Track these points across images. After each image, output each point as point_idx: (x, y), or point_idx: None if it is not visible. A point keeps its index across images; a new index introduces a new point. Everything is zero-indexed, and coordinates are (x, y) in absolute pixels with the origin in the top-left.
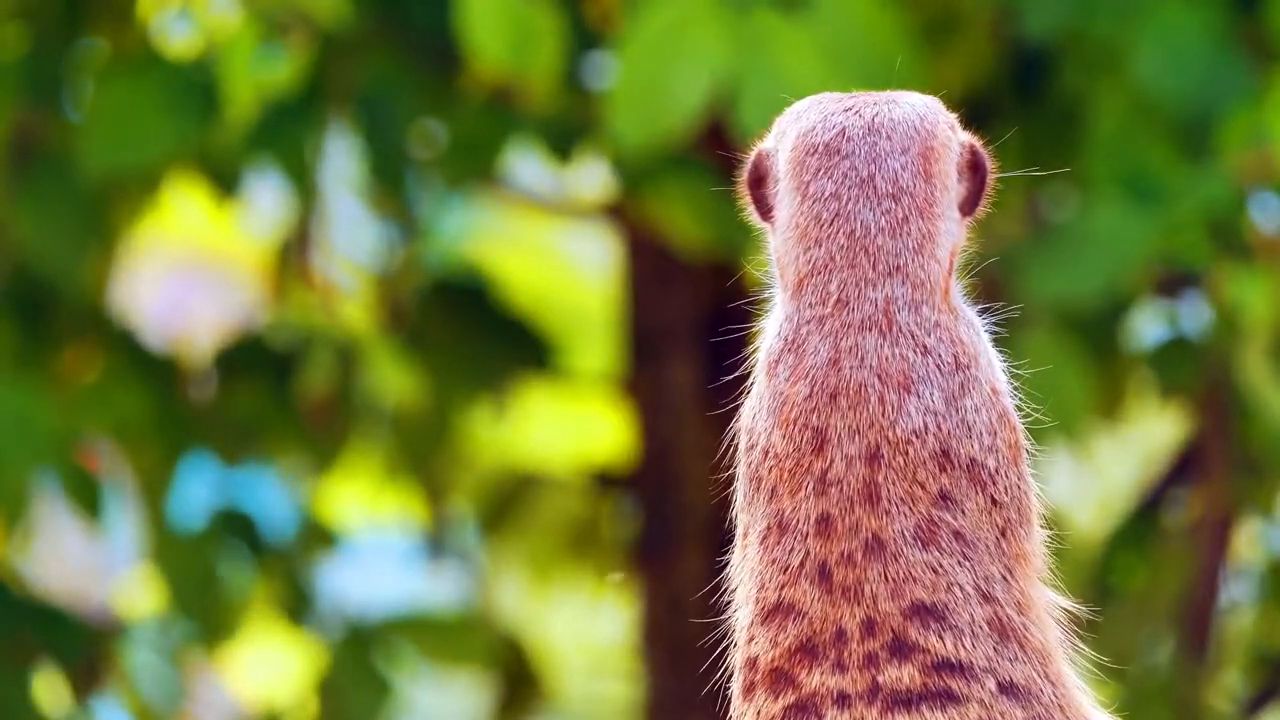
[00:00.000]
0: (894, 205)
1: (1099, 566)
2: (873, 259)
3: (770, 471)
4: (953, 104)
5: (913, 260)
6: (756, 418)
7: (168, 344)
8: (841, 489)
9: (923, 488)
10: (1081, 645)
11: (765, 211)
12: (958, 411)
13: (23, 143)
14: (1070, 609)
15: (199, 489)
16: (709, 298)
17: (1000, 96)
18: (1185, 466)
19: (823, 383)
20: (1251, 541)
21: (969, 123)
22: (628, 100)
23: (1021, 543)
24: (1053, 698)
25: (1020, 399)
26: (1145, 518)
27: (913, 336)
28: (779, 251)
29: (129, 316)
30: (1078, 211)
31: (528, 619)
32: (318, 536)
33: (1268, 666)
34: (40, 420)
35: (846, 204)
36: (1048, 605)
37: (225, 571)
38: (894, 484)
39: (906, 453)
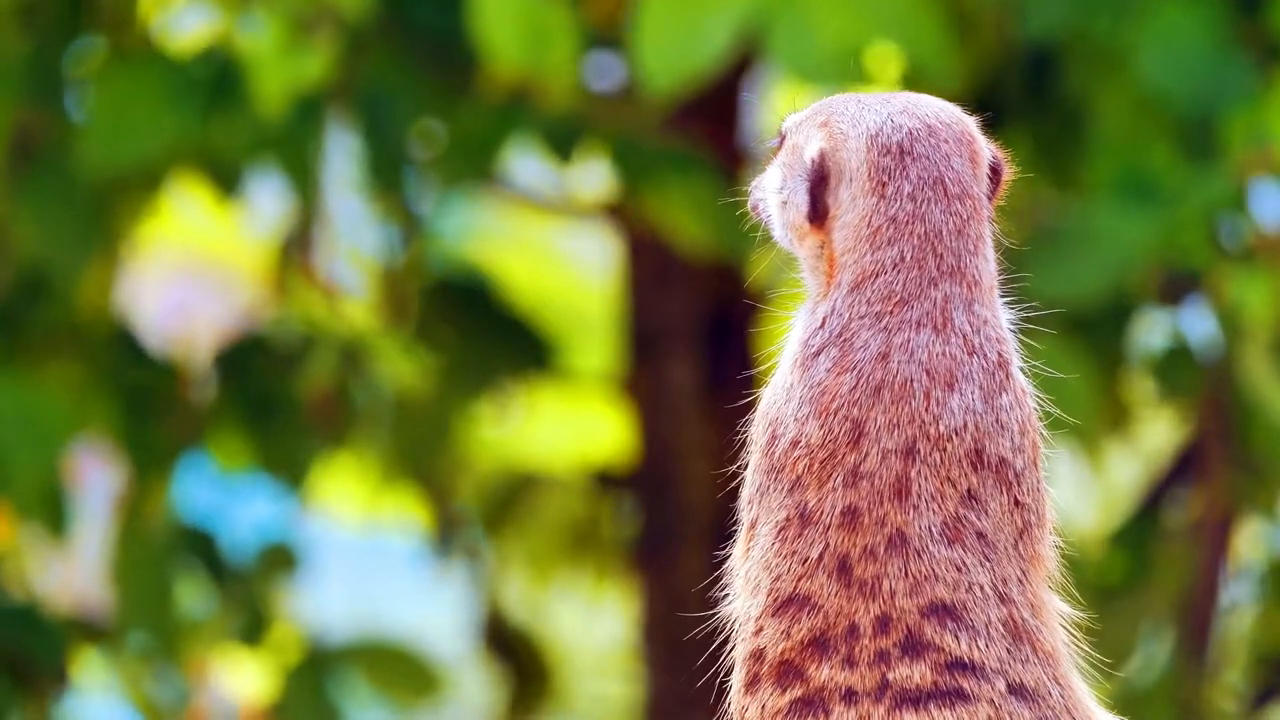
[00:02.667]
0: (960, 206)
1: (1099, 566)
2: (939, 259)
3: (797, 462)
4: (961, 105)
5: (970, 260)
6: (783, 408)
7: (168, 346)
8: (873, 482)
9: (953, 485)
10: (1083, 645)
11: (818, 212)
12: (993, 410)
13: (23, 143)
14: (1072, 611)
15: (194, 494)
16: (709, 298)
17: (1005, 97)
18: (1185, 467)
19: (869, 376)
20: (1251, 541)
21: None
22: (655, 42)
23: (1037, 545)
24: (1060, 700)
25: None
26: (1145, 518)
27: (964, 335)
28: (841, 248)
29: (126, 320)
30: (1079, 212)
31: (528, 618)
32: (280, 559)
33: (1268, 666)
34: (43, 415)
35: (921, 205)
36: (1056, 608)
37: (181, 589)
38: (926, 480)
39: (944, 449)
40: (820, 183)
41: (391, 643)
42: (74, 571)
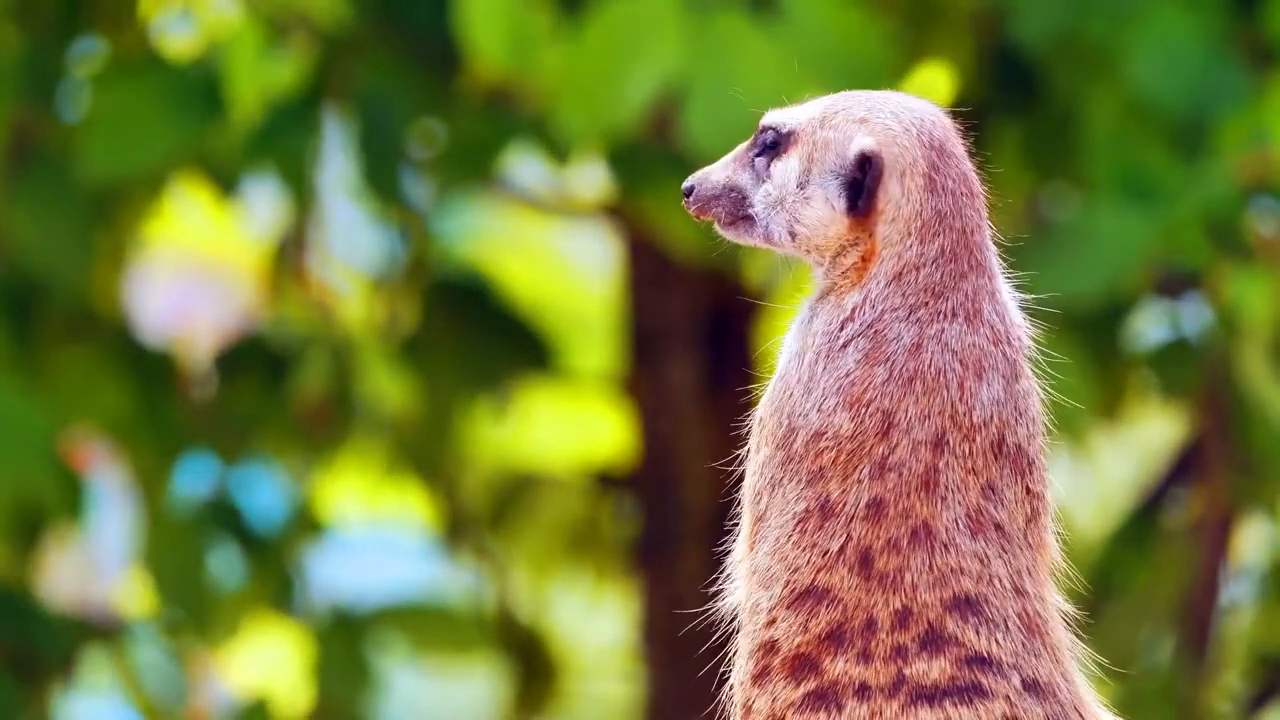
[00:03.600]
0: (979, 201)
1: (1099, 566)
2: (970, 252)
3: (822, 454)
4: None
5: (988, 253)
6: (802, 401)
7: (166, 344)
8: (901, 474)
9: (976, 476)
10: (1082, 645)
11: (863, 206)
12: (1012, 397)
13: (21, 143)
14: (1071, 609)
15: (196, 487)
16: (709, 298)
17: (994, 99)
18: (1185, 466)
19: (902, 367)
20: (1251, 541)
21: (967, 125)
22: (575, 90)
23: (1043, 533)
24: (1069, 695)
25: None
26: (1145, 518)
27: (991, 325)
28: (885, 240)
29: (130, 318)
30: (1077, 212)
31: (532, 617)
32: (306, 525)
33: (1268, 666)
34: (33, 421)
35: (958, 200)
36: (1056, 603)
37: (214, 563)
38: (953, 471)
39: (973, 440)
40: (869, 178)
41: (427, 603)
42: (74, 570)
